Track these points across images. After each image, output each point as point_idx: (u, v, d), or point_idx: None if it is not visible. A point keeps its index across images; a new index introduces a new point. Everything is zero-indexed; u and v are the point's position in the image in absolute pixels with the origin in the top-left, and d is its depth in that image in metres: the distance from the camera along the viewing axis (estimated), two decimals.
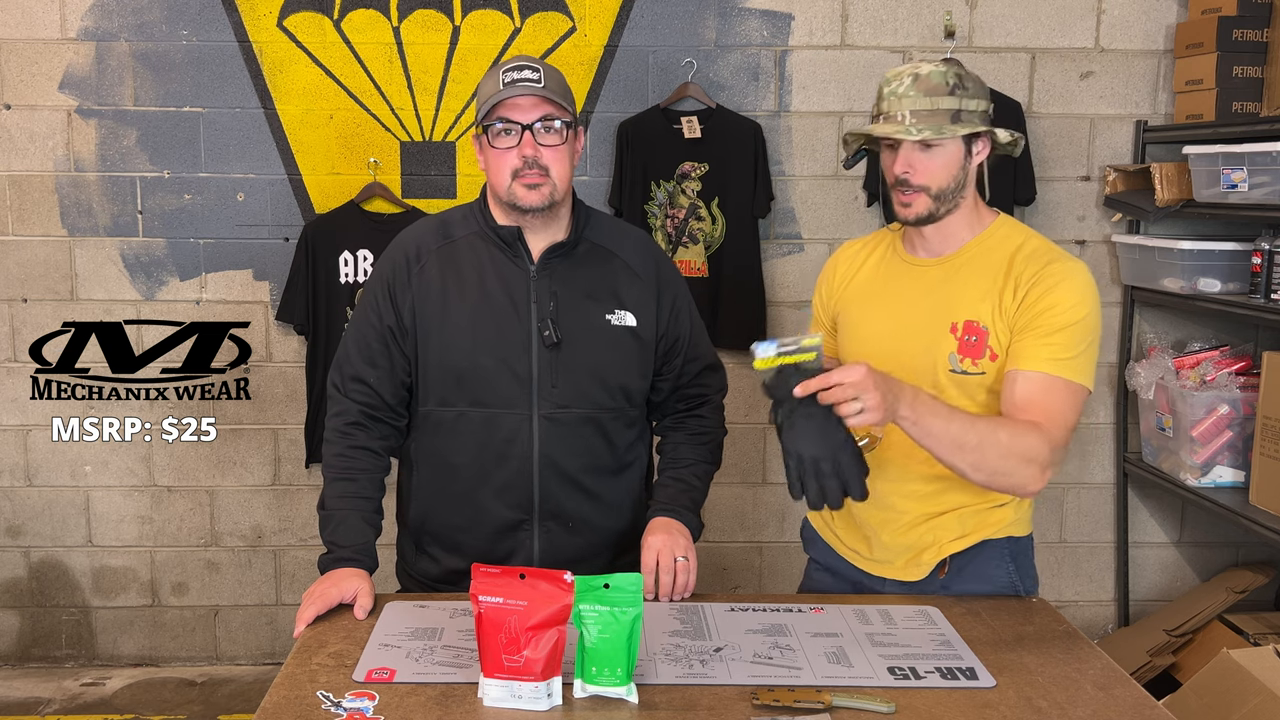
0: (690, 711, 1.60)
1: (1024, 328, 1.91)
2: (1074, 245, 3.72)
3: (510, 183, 1.97)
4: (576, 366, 2.02)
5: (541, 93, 1.94)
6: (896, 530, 2.06)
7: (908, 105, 1.89)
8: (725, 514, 3.81)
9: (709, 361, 2.21)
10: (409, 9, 3.54)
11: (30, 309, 3.65)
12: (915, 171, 1.91)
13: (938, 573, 2.05)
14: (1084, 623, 3.88)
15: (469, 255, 2.05)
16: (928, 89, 1.89)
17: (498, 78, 1.97)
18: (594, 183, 3.61)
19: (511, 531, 2.07)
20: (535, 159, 1.95)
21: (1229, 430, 3.35)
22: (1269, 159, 3.00)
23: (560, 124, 1.96)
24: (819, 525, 2.23)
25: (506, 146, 1.96)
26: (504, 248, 2.04)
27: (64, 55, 3.53)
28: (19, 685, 3.69)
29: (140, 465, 3.73)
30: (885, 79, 1.94)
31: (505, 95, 1.93)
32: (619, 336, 2.06)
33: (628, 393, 2.09)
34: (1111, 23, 3.63)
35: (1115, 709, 1.63)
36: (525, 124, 1.94)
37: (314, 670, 1.71)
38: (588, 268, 2.07)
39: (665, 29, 3.57)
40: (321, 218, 3.58)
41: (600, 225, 2.12)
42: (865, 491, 1.75)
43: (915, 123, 1.88)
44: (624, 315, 2.06)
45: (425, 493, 2.12)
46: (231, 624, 3.83)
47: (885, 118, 1.92)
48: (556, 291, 2.03)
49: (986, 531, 2.04)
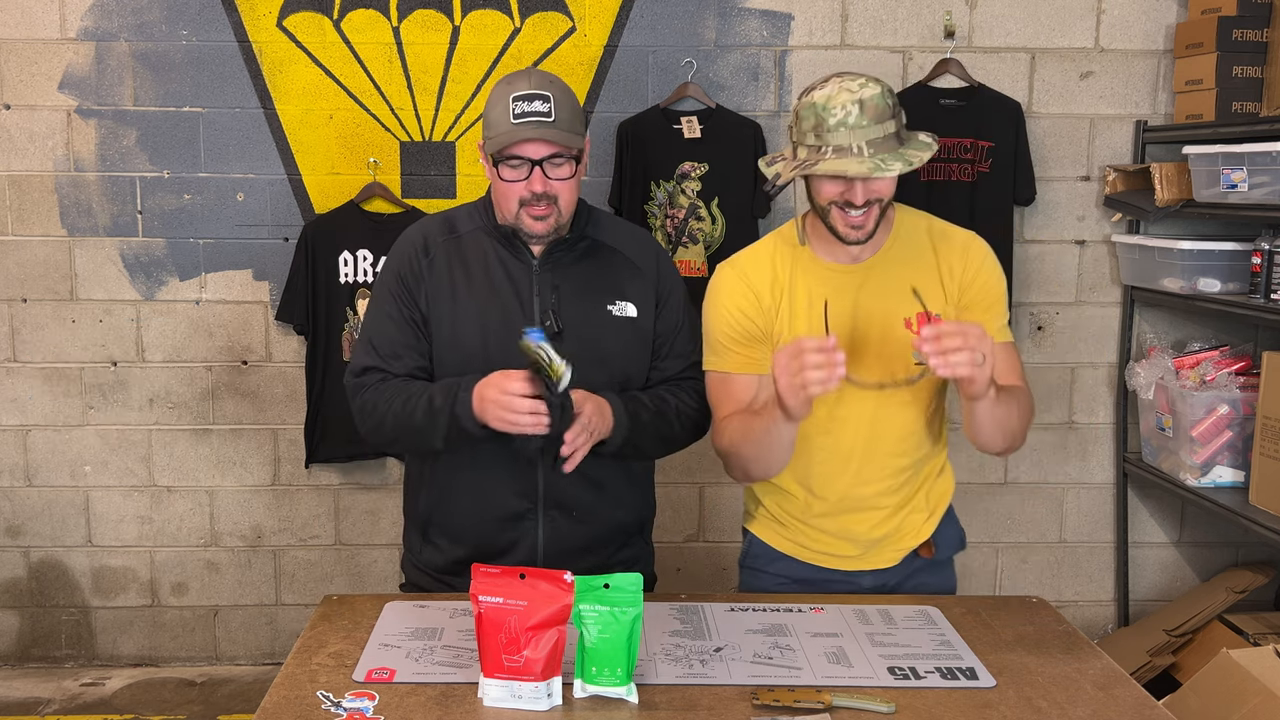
0: (690, 711, 1.60)
1: (969, 304, 2.03)
2: (1074, 245, 3.73)
3: (518, 211, 2.00)
4: (579, 355, 2.01)
5: (553, 134, 1.94)
6: (874, 525, 2.09)
7: (862, 137, 1.85)
8: (725, 514, 3.81)
9: (696, 359, 2.20)
10: (409, 9, 3.53)
11: (30, 309, 3.65)
12: (874, 192, 1.90)
13: (920, 552, 2.13)
14: (1084, 623, 3.88)
15: (474, 249, 2.09)
16: (875, 116, 1.85)
17: (508, 106, 1.95)
18: (594, 183, 3.61)
19: (517, 521, 2.08)
20: (544, 193, 1.97)
21: (1229, 430, 3.35)
22: (1269, 159, 2.99)
23: (569, 158, 1.98)
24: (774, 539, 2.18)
25: (515, 180, 1.98)
26: (508, 244, 2.07)
27: (64, 55, 3.53)
28: (19, 685, 3.69)
29: (140, 465, 3.73)
30: (822, 105, 1.86)
31: (516, 137, 1.94)
32: (620, 326, 2.09)
33: (627, 380, 2.11)
34: (1111, 23, 3.63)
35: (1115, 709, 1.64)
36: (535, 160, 1.95)
37: (314, 670, 1.71)
38: (589, 262, 2.10)
39: (665, 29, 3.57)
40: (321, 218, 3.58)
41: (601, 222, 2.16)
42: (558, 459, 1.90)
43: (873, 153, 1.85)
44: (625, 306, 2.09)
45: (434, 482, 2.14)
46: (231, 624, 3.83)
47: (836, 150, 1.85)
48: (558, 285, 2.06)
49: (944, 502, 2.17)
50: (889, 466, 2.07)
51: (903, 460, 2.07)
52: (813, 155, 1.87)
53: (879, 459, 2.06)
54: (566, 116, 1.97)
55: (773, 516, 2.18)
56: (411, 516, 2.24)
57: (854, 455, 2.05)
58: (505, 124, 1.96)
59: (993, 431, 1.96)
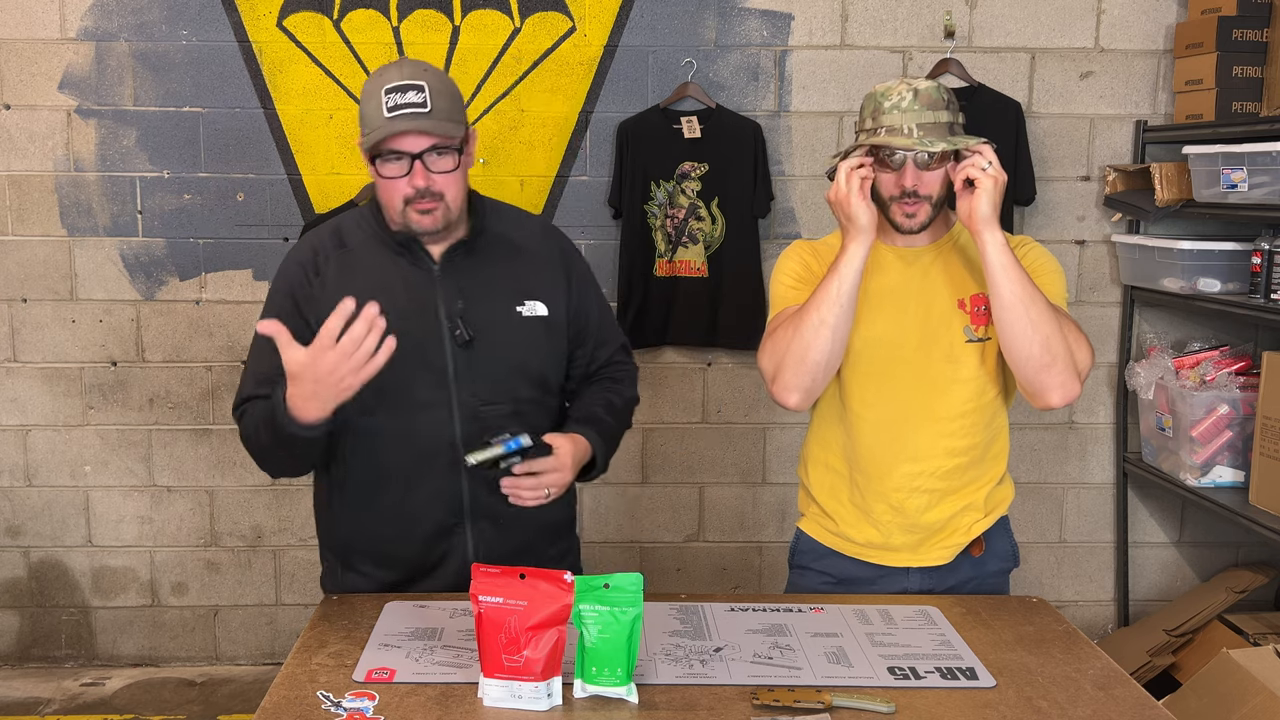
0: (690, 711, 1.60)
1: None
2: (1074, 245, 3.73)
3: (403, 208, 1.92)
4: (493, 361, 1.99)
5: (429, 124, 1.85)
6: (924, 507, 2.09)
7: (913, 119, 1.96)
8: (725, 514, 3.82)
9: (620, 342, 2.20)
10: (409, 9, 3.54)
11: (30, 309, 3.65)
12: (922, 184, 1.99)
13: (970, 550, 2.13)
14: (1084, 623, 3.88)
15: (368, 261, 1.99)
16: (929, 104, 1.96)
17: (380, 100, 1.86)
18: (594, 183, 3.61)
19: (445, 536, 2.03)
20: (428, 188, 1.90)
21: (1229, 430, 3.35)
22: (1269, 159, 2.99)
23: (451, 149, 1.89)
24: (821, 535, 2.21)
25: (396, 176, 1.89)
26: (403, 252, 1.99)
27: (64, 55, 3.53)
28: (19, 685, 3.69)
29: (140, 465, 3.73)
30: (881, 93, 1.99)
31: (390, 130, 1.85)
32: (532, 327, 2.03)
33: (546, 383, 2.07)
34: (1111, 23, 3.63)
35: (1115, 709, 1.63)
36: (414, 154, 1.87)
37: (314, 670, 1.71)
38: (492, 261, 2.03)
39: (665, 29, 3.57)
40: (321, 218, 3.57)
41: (500, 215, 2.08)
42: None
43: (923, 135, 1.95)
44: (534, 305, 2.03)
45: (351, 510, 2.07)
46: (231, 624, 3.83)
47: (889, 130, 1.97)
48: (463, 288, 1.99)
49: (1001, 509, 2.17)
50: (940, 447, 2.07)
51: (954, 442, 2.07)
52: (865, 137, 2.00)
53: (929, 437, 2.07)
54: (444, 106, 1.88)
55: (823, 510, 2.19)
56: (329, 545, 2.14)
57: (904, 429, 2.07)
58: (379, 118, 1.86)
59: (1014, 310, 1.91)
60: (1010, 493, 2.19)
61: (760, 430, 3.76)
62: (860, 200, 1.95)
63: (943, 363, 2.06)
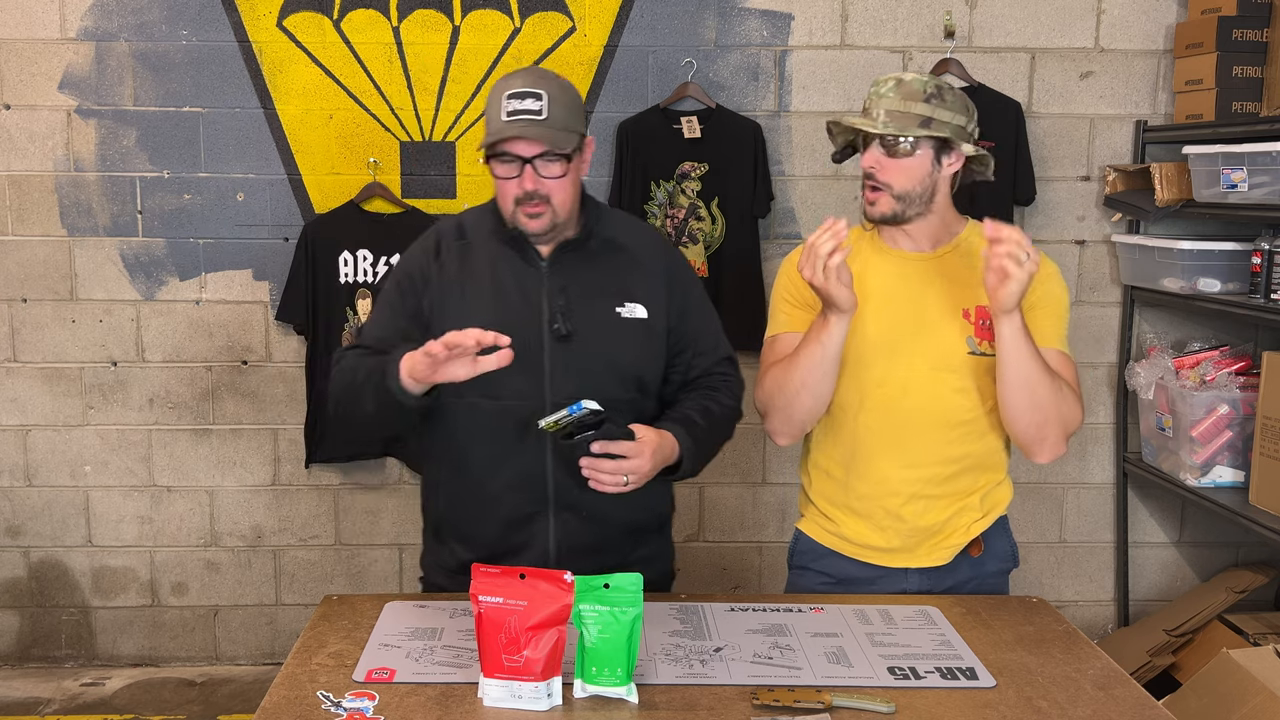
0: (690, 711, 1.60)
1: (1031, 305, 2.02)
2: (1074, 245, 3.73)
3: (514, 209, 2.01)
4: (589, 357, 2.04)
5: (542, 131, 1.94)
6: (921, 512, 2.09)
7: (884, 105, 1.99)
8: (725, 514, 3.82)
9: (724, 354, 2.21)
10: (409, 9, 3.53)
11: (30, 309, 3.65)
12: (880, 169, 2.01)
13: (969, 551, 2.12)
14: (1084, 623, 3.88)
15: (482, 253, 2.09)
16: (906, 94, 1.99)
17: (500, 104, 1.97)
18: (594, 183, 3.61)
19: (526, 523, 2.07)
20: (536, 191, 1.98)
21: (1229, 430, 3.35)
22: (1269, 159, 2.99)
23: (561, 156, 1.97)
24: (820, 535, 2.21)
25: (508, 177, 1.99)
26: (514, 247, 2.08)
27: (64, 55, 3.53)
28: (19, 685, 3.69)
29: (140, 465, 3.73)
30: (876, 81, 2.04)
31: (505, 134, 1.95)
32: (631, 328, 2.08)
33: (641, 383, 2.10)
34: (1111, 23, 3.63)
35: (1115, 709, 1.64)
36: (525, 158, 1.96)
37: (314, 670, 1.71)
38: (598, 263, 2.09)
39: (665, 29, 3.57)
40: (321, 218, 3.58)
41: (611, 220, 2.16)
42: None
43: (885, 120, 1.98)
44: (634, 308, 2.08)
45: (442, 486, 2.15)
46: (231, 624, 3.83)
47: (864, 114, 2.02)
48: (566, 286, 2.05)
49: (1000, 509, 2.17)
50: (938, 454, 2.07)
51: (953, 450, 2.07)
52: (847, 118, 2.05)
53: (928, 445, 2.07)
54: (560, 115, 1.97)
55: (821, 512, 2.19)
56: (426, 518, 2.25)
57: (903, 435, 2.07)
58: (498, 121, 1.97)
59: (1019, 390, 1.95)
60: (1009, 493, 2.19)
61: (760, 430, 3.72)
62: (839, 286, 1.93)
63: (942, 371, 2.05)
